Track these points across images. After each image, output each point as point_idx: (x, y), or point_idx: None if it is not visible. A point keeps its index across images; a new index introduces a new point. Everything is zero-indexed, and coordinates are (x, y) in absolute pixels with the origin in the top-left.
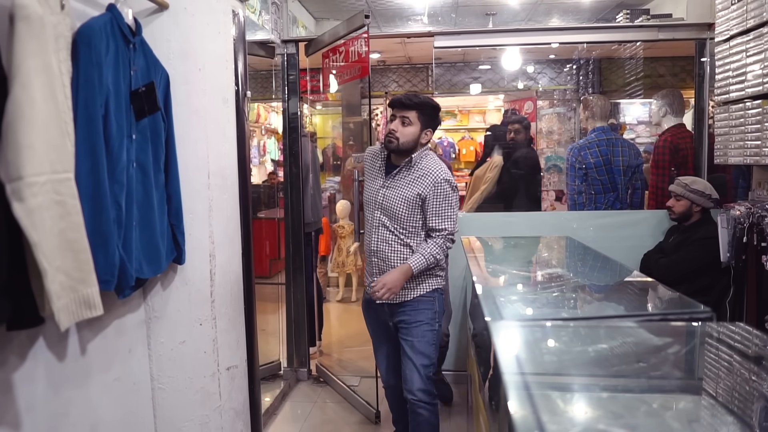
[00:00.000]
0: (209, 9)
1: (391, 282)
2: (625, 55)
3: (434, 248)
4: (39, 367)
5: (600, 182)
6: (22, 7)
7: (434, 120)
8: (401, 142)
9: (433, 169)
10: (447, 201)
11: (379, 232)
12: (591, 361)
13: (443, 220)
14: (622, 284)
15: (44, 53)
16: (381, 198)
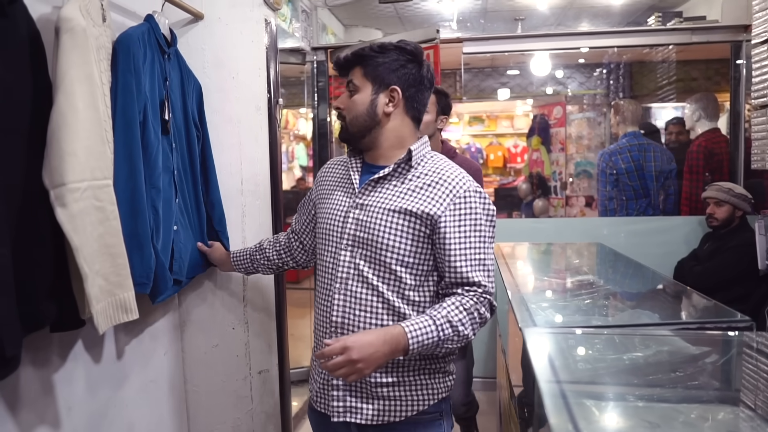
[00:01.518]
0: (243, 18)
1: (361, 350)
2: (656, 58)
3: (456, 312)
4: (79, 369)
5: (632, 188)
6: (67, 20)
7: (398, 72)
8: (348, 121)
9: (448, 172)
10: (478, 231)
11: (349, 288)
12: (626, 369)
13: (473, 265)
14: (655, 292)
15: (87, 63)
16: (351, 224)
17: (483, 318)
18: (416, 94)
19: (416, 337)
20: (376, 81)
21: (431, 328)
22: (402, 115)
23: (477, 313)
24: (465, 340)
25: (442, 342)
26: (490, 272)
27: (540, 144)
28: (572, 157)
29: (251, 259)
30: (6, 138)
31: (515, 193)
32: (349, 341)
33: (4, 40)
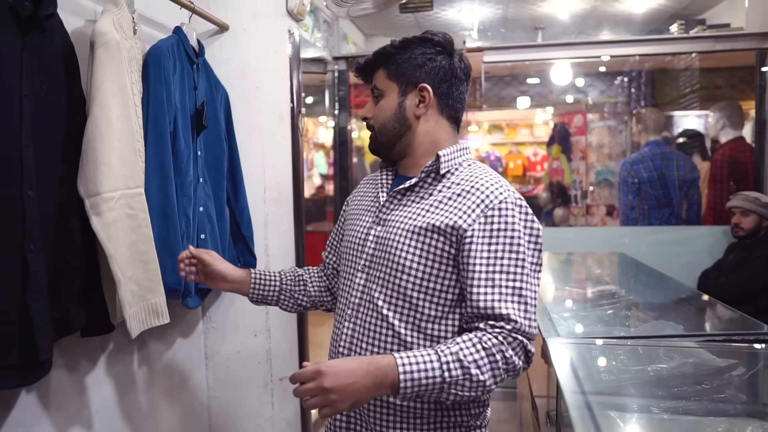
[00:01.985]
0: (267, 29)
1: (336, 377)
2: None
3: (471, 350)
4: (106, 373)
5: (654, 197)
6: (101, 34)
7: (426, 67)
8: (377, 130)
9: (483, 179)
10: (514, 252)
11: (360, 317)
12: (650, 381)
13: (503, 293)
14: (679, 303)
15: (120, 76)
16: (371, 243)
17: (510, 364)
18: (450, 90)
19: (410, 372)
20: (402, 81)
21: (433, 365)
22: (436, 116)
23: (501, 355)
24: (481, 388)
25: (449, 386)
26: (528, 307)
27: (560, 152)
28: (593, 166)
29: (281, 289)
30: (41, 148)
31: (535, 202)
32: (324, 366)
33: (41, 53)
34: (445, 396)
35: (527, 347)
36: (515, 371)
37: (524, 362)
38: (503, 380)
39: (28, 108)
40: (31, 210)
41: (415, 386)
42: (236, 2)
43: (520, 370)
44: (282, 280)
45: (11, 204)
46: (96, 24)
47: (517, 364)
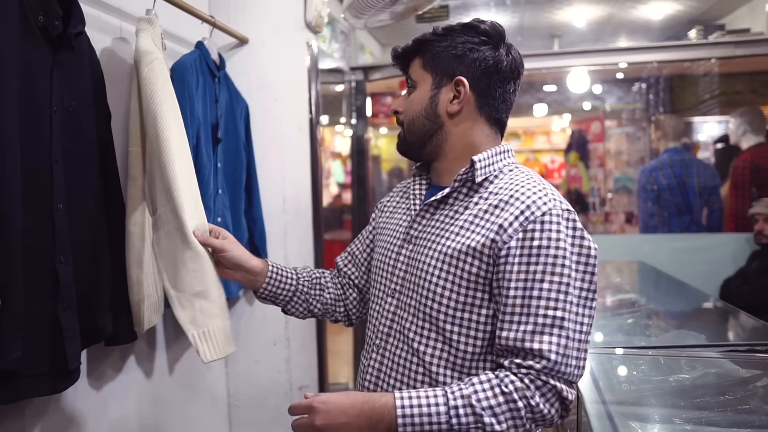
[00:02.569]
0: (286, 42)
1: (327, 415)
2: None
3: (487, 394)
4: (131, 382)
5: (674, 204)
6: (147, 53)
7: (466, 59)
8: (406, 126)
9: (525, 187)
10: (557, 275)
11: (388, 349)
12: (672, 391)
13: (537, 324)
14: (701, 312)
15: (170, 92)
16: (402, 264)
17: (537, 413)
18: (491, 86)
19: (411, 417)
20: (437, 71)
21: (438, 409)
22: (474, 115)
23: (525, 402)
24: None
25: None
26: (570, 342)
27: (578, 160)
28: (611, 173)
29: (296, 290)
30: (70, 162)
31: None
32: (317, 401)
33: (71, 71)
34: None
35: (562, 393)
36: (545, 421)
37: (559, 411)
38: (528, 429)
39: (58, 123)
40: (61, 222)
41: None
42: (256, 16)
43: (553, 420)
44: (299, 281)
45: (42, 217)
46: (138, 43)
47: (548, 414)
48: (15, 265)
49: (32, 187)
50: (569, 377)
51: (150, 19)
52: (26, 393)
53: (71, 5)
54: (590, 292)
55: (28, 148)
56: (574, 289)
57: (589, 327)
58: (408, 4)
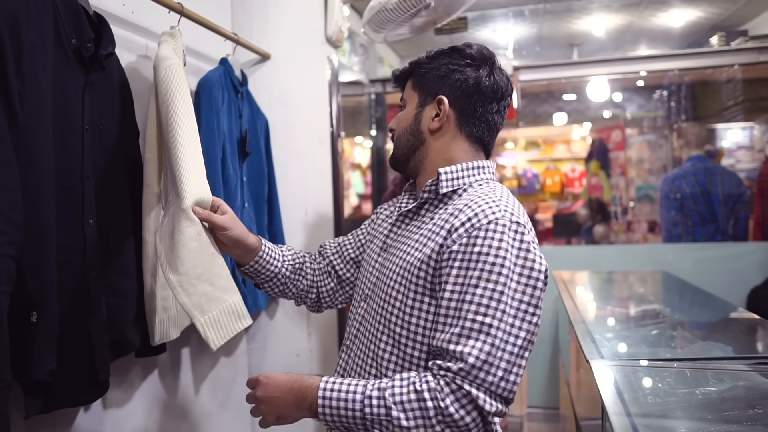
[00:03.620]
0: (307, 57)
1: (267, 388)
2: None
3: (402, 390)
4: (157, 393)
5: (698, 213)
6: (164, 58)
7: (449, 79)
8: (395, 141)
9: (481, 198)
10: (490, 282)
11: (354, 351)
12: (699, 404)
13: (463, 328)
14: (727, 323)
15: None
16: (375, 271)
17: (447, 417)
18: (471, 106)
19: (329, 399)
20: (423, 91)
21: (355, 396)
22: (454, 132)
23: (434, 403)
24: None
25: (371, 423)
26: (496, 351)
27: (599, 168)
28: (633, 181)
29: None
30: (100, 179)
31: (574, 219)
32: (263, 376)
33: (101, 90)
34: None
35: (478, 401)
36: (458, 428)
37: (476, 421)
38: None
39: (89, 141)
40: (91, 237)
41: (335, 415)
42: (277, 32)
43: (470, 429)
44: (283, 264)
45: (74, 233)
46: (158, 51)
47: (460, 421)
48: (50, 280)
49: (65, 204)
50: (492, 387)
51: (173, 33)
52: (57, 404)
53: (102, 27)
54: (531, 306)
55: (62, 166)
56: (511, 300)
57: (526, 342)
58: (427, 18)
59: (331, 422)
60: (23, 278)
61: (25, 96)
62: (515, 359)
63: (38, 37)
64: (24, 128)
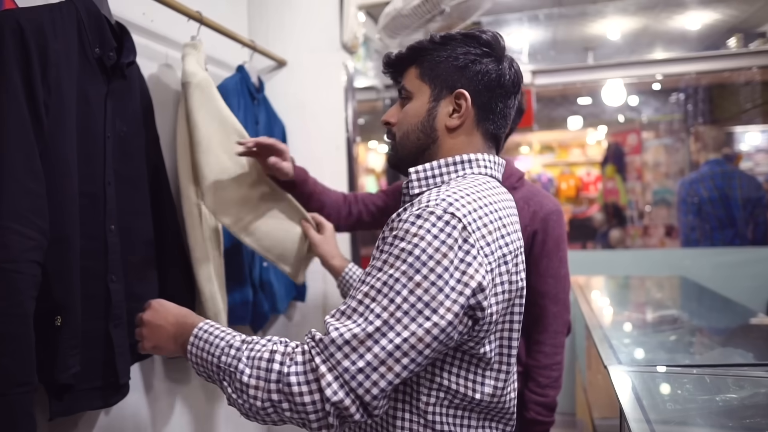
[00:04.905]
0: (322, 63)
1: (154, 316)
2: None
3: (262, 348)
4: (176, 396)
5: (716, 217)
6: (192, 74)
7: (468, 71)
8: (398, 139)
9: (438, 190)
10: (394, 265)
11: None
12: (720, 411)
13: (346, 304)
14: (747, 329)
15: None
16: None
17: (284, 383)
18: (492, 101)
19: (200, 339)
20: (437, 83)
21: (220, 343)
22: (471, 130)
23: (278, 366)
24: (246, 395)
25: (223, 373)
26: (365, 340)
27: (615, 172)
28: (649, 185)
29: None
30: (121, 185)
31: (589, 223)
32: (157, 302)
33: (123, 98)
34: (225, 387)
35: (322, 381)
36: (294, 404)
37: (316, 405)
38: (280, 407)
39: (111, 149)
40: (113, 243)
41: (198, 356)
42: (293, 39)
43: (306, 410)
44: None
45: (95, 238)
46: (185, 66)
47: (298, 396)
48: (74, 285)
49: (87, 210)
50: (345, 375)
51: (195, 44)
52: (80, 406)
53: (123, 36)
54: (429, 309)
55: (84, 173)
56: (408, 292)
57: (408, 347)
58: (442, 23)
59: (195, 364)
60: (48, 283)
61: (50, 104)
62: (388, 360)
63: (63, 47)
64: (49, 136)
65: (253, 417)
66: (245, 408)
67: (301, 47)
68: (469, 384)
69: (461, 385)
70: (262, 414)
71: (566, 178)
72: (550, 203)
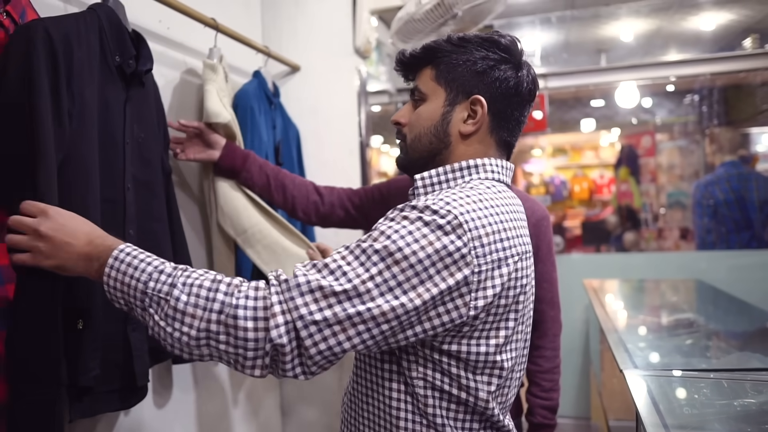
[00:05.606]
0: (335, 68)
1: (61, 230)
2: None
3: (201, 276)
4: (191, 399)
5: (732, 219)
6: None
7: (486, 76)
8: (409, 142)
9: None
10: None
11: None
12: (738, 416)
13: (322, 262)
14: (764, 332)
15: None
16: None
17: (229, 314)
18: (509, 109)
19: (122, 261)
20: (453, 87)
21: (147, 267)
22: (484, 137)
23: (226, 298)
24: (178, 322)
25: (148, 300)
26: (327, 292)
27: (629, 175)
28: (663, 188)
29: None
30: (139, 190)
31: (603, 226)
32: (56, 212)
33: (140, 105)
34: (152, 315)
35: (270, 321)
36: (236, 338)
37: (257, 341)
38: (215, 339)
39: (129, 154)
40: None
41: (118, 281)
42: (307, 44)
43: (246, 346)
44: None
45: None
46: (206, 104)
47: (241, 326)
48: (95, 289)
49: (108, 214)
50: (298, 321)
51: (213, 65)
52: (99, 408)
53: (140, 44)
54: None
55: (105, 178)
56: (385, 268)
57: (371, 317)
58: (454, 27)
59: (112, 289)
60: (71, 286)
61: (73, 111)
62: (345, 322)
63: (86, 55)
64: (73, 143)
65: (180, 349)
66: (173, 338)
67: (314, 52)
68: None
69: (453, 387)
70: (192, 346)
71: (579, 181)
72: (540, 209)
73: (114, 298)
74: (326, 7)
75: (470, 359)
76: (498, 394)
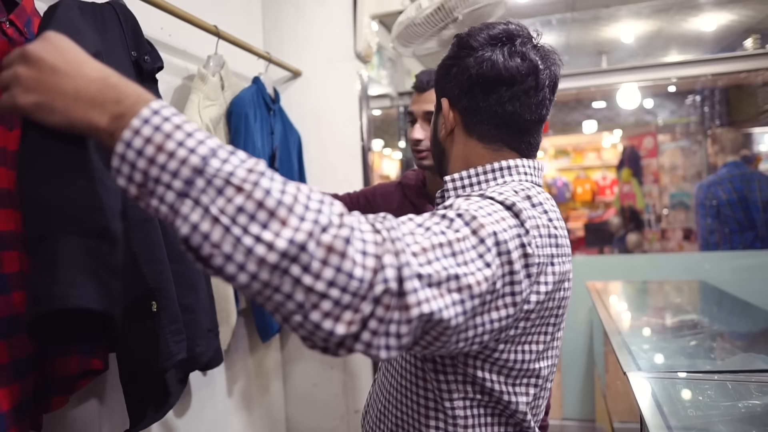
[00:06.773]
0: (337, 73)
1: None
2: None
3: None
4: (195, 404)
5: (735, 220)
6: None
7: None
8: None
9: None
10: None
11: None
12: (743, 418)
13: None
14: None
15: None
16: None
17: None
18: (473, 102)
19: (164, 118)
20: (437, 96)
21: (211, 140)
22: (464, 137)
23: (339, 217)
24: (256, 223)
25: (202, 181)
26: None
27: (631, 176)
28: (666, 189)
29: None
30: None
31: (606, 228)
32: (57, 36)
33: None
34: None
35: (383, 258)
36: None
37: (362, 280)
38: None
39: None
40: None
41: (152, 146)
42: (308, 49)
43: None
44: None
45: None
46: (186, 108)
47: (350, 258)
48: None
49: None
50: (405, 271)
51: (203, 75)
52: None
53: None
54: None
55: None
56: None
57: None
58: (455, 31)
59: (132, 156)
60: (138, 267)
61: None
62: (444, 282)
63: (111, 50)
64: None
65: (236, 269)
66: (234, 247)
67: (315, 57)
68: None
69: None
70: (263, 266)
71: (582, 182)
72: None
73: (130, 178)
74: (327, 12)
75: (513, 366)
76: (533, 405)
